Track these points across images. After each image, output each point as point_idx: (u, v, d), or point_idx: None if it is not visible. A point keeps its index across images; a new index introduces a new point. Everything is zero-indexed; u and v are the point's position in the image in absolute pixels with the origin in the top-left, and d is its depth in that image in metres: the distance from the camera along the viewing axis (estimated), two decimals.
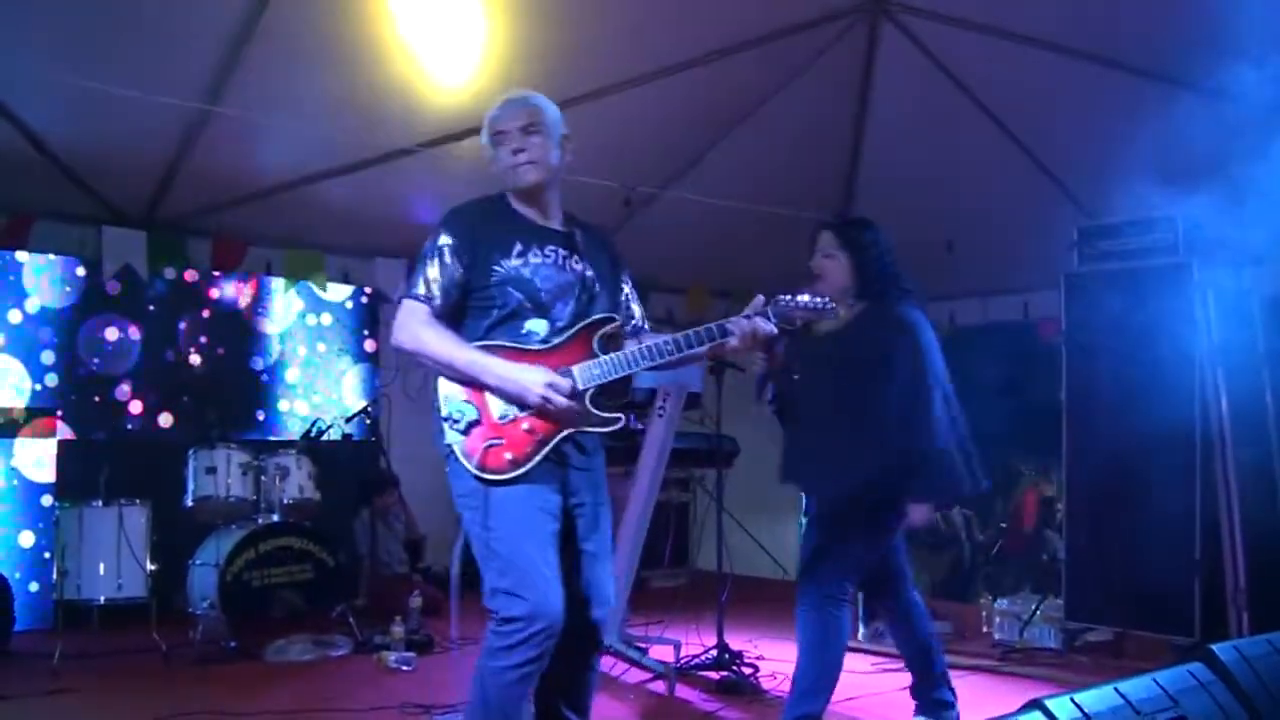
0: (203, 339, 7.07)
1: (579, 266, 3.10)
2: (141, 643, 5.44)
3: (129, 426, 6.77)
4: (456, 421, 2.90)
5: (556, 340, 2.99)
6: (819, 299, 3.08)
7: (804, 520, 4.02)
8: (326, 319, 7.60)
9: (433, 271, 2.99)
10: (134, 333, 6.82)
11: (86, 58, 5.00)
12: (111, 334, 6.74)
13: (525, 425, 2.90)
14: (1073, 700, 2.21)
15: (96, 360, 6.69)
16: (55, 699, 4.67)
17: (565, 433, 2.94)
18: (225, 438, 6.17)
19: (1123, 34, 5.48)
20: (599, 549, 3.07)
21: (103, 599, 5.59)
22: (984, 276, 7.58)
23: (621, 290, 3.26)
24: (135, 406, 6.81)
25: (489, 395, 2.92)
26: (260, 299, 7.30)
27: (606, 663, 5.23)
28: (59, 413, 6.43)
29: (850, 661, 5.48)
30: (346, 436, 7.26)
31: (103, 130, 5.57)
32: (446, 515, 7.76)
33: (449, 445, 2.93)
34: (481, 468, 2.89)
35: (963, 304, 8.24)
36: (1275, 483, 5.21)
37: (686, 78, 6.08)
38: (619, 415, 3.00)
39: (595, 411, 2.97)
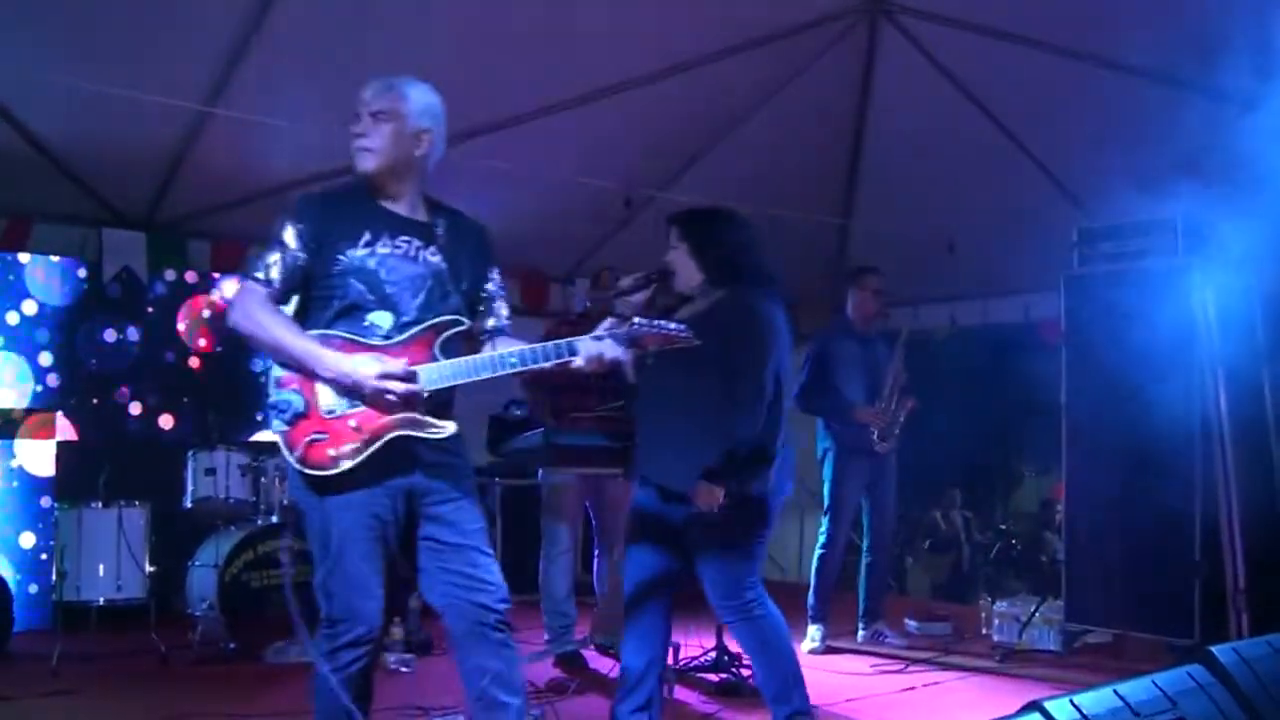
0: (201, 340, 7.07)
1: (434, 260, 2.98)
2: (141, 644, 5.44)
3: (128, 428, 6.77)
4: (283, 411, 2.80)
5: (400, 336, 2.88)
6: (677, 327, 3.01)
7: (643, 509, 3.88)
8: None
9: (275, 255, 2.87)
10: (133, 334, 6.82)
11: (87, 59, 5.00)
12: (111, 335, 6.74)
13: (352, 422, 2.80)
14: (1072, 702, 2.21)
15: (96, 361, 6.69)
16: (54, 700, 4.67)
17: (392, 435, 2.82)
18: (224, 439, 6.17)
19: (1123, 35, 5.47)
20: (464, 539, 2.96)
21: (102, 600, 5.58)
22: (984, 277, 7.57)
23: (484, 288, 3.13)
24: (135, 408, 6.81)
25: (320, 387, 2.81)
26: None
27: (606, 664, 5.24)
28: (58, 414, 6.43)
29: (850, 663, 5.52)
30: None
31: (103, 132, 5.56)
32: None
33: (274, 433, 2.85)
34: (302, 461, 2.79)
35: (963, 305, 8.24)
36: (1275, 484, 5.20)
37: (687, 78, 6.08)
38: (447, 423, 2.90)
39: (423, 416, 2.87)
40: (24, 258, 6.39)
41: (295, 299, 2.95)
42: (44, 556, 6.21)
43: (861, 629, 6.06)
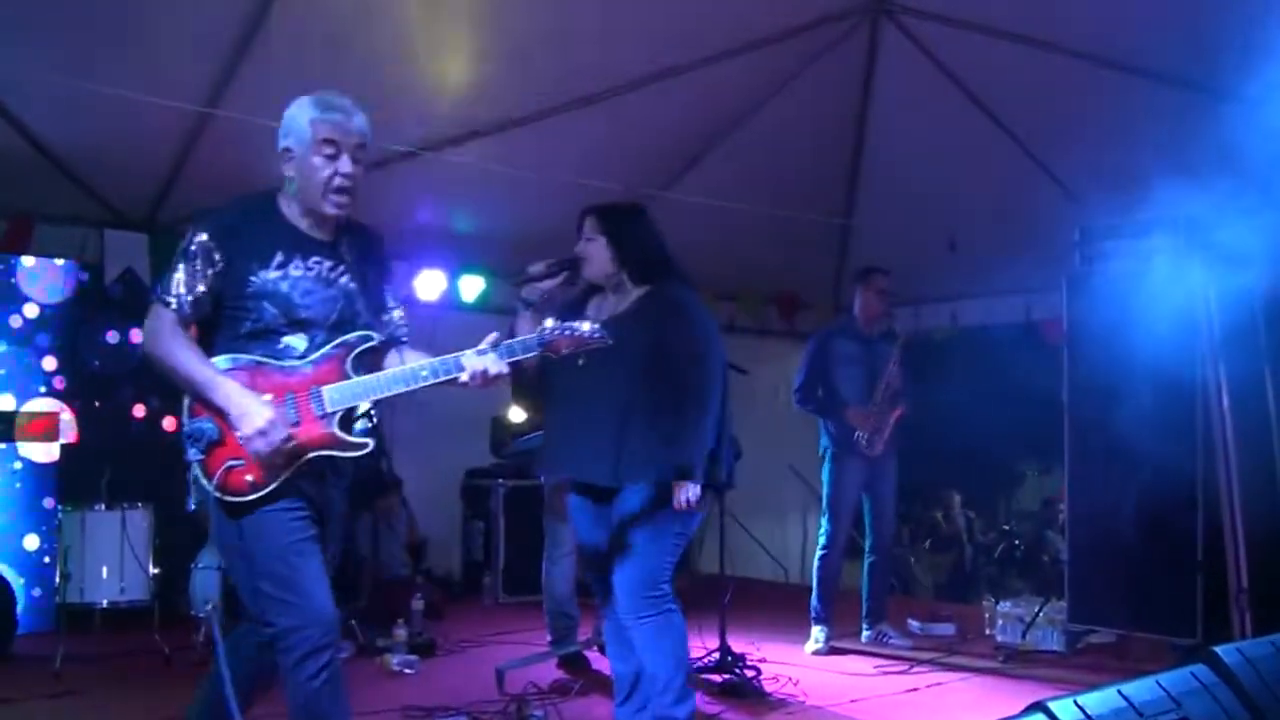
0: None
1: (344, 280, 2.97)
2: (144, 646, 5.45)
3: (132, 429, 6.77)
4: (197, 440, 2.78)
5: (313, 356, 2.89)
6: (592, 330, 3.03)
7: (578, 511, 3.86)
8: None
9: (184, 275, 2.84)
10: (136, 336, 6.82)
11: (88, 60, 5.00)
12: (113, 337, 6.74)
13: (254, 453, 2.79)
14: (1075, 702, 2.21)
15: (98, 363, 6.70)
16: (58, 702, 4.67)
17: (310, 455, 2.84)
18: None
19: (1124, 35, 5.48)
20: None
21: (105, 602, 5.58)
22: (986, 277, 7.58)
23: (386, 301, 3.14)
24: (138, 410, 6.81)
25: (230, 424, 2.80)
26: None
27: (608, 665, 5.23)
28: (61, 416, 6.43)
29: (854, 664, 5.52)
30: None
31: (105, 133, 5.57)
32: (448, 518, 7.82)
33: (190, 461, 2.81)
34: (221, 489, 2.78)
35: (965, 304, 8.25)
36: (1277, 483, 5.20)
37: (688, 79, 6.08)
38: (367, 441, 2.92)
39: (341, 434, 2.88)
40: (26, 259, 6.39)
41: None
42: (47, 559, 6.21)
43: (865, 630, 6.06)
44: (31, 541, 6.30)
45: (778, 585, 7.99)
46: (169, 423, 6.89)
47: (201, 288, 2.84)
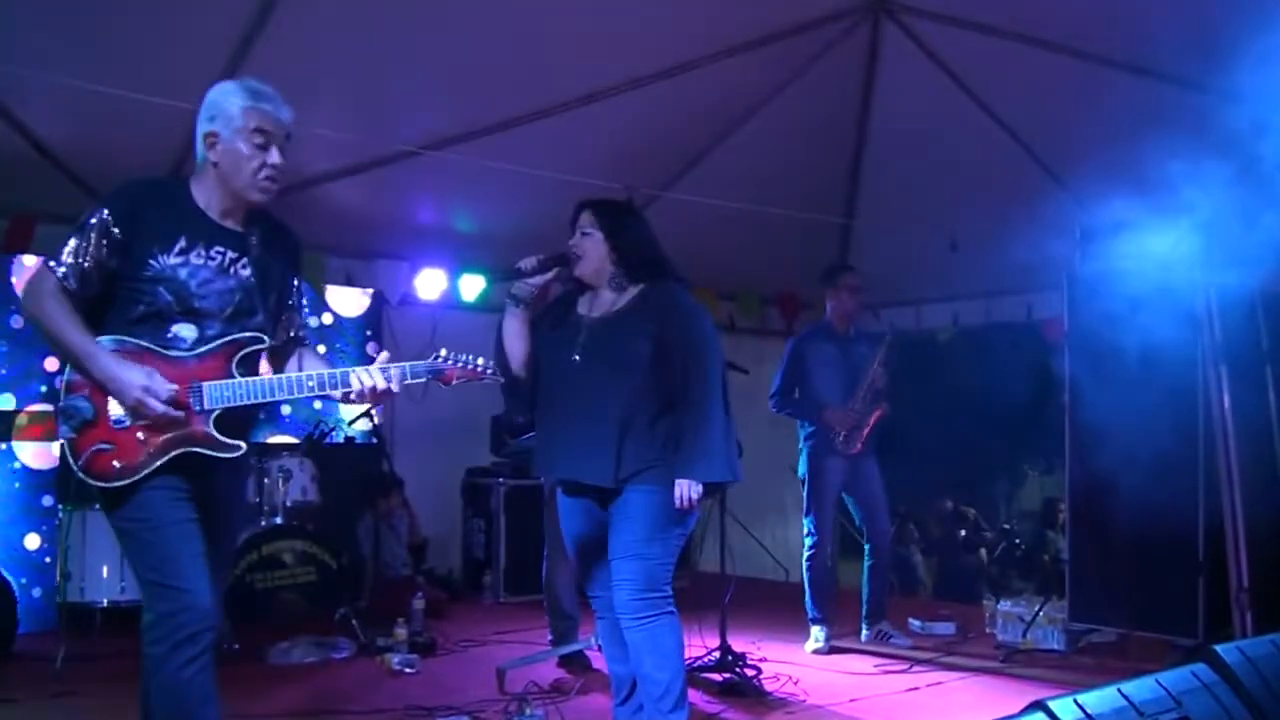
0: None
1: (245, 273, 2.92)
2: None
3: None
4: (70, 418, 2.73)
5: (201, 349, 2.84)
6: (484, 365, 3.06)
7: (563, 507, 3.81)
8: (328, 320, 7.60)
9: (80, 246, 2.77)
10: None
11: (90, 60, 5.01)
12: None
13: (140, 435, 2.76)
14: (1076, 701, 2.21)
15: None
16: (58, 702, 4.67)
17: (179, 451, 2.79)
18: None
19: (1125, 34, 5.48)
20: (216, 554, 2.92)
21: (106, 601, 5.59)
22: (987, 276, 7.58)
23: (288, 302, 3.09)
24: None
25: (112, 395, 2.76)
26: None
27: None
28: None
29: (854, 663, 5.52)
30: (349, 439, 7.27)
31: (106, 133, 5.57)
32: (449, 517, 7.81)
33: (60, 439, 2.78)
34: (87, 471, 2.74)
35: (966, 304, 8.25)
36: (1278, 483, 5.20)
37: (689, 78, 6.08)
38: (239, 443, 2.87)
39: (215, 434, 2.83)
40: (28, 259, 6.39)
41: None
42: (48, 559, 6.21)
43: (865, 629, 6.06)
44: (32, 541, 6.30)
45: (778, 584, 7.98)
46: None
47: (89, 264, 2.77)
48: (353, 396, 2.92)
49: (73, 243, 2.78)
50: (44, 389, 6.44)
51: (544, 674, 5.05)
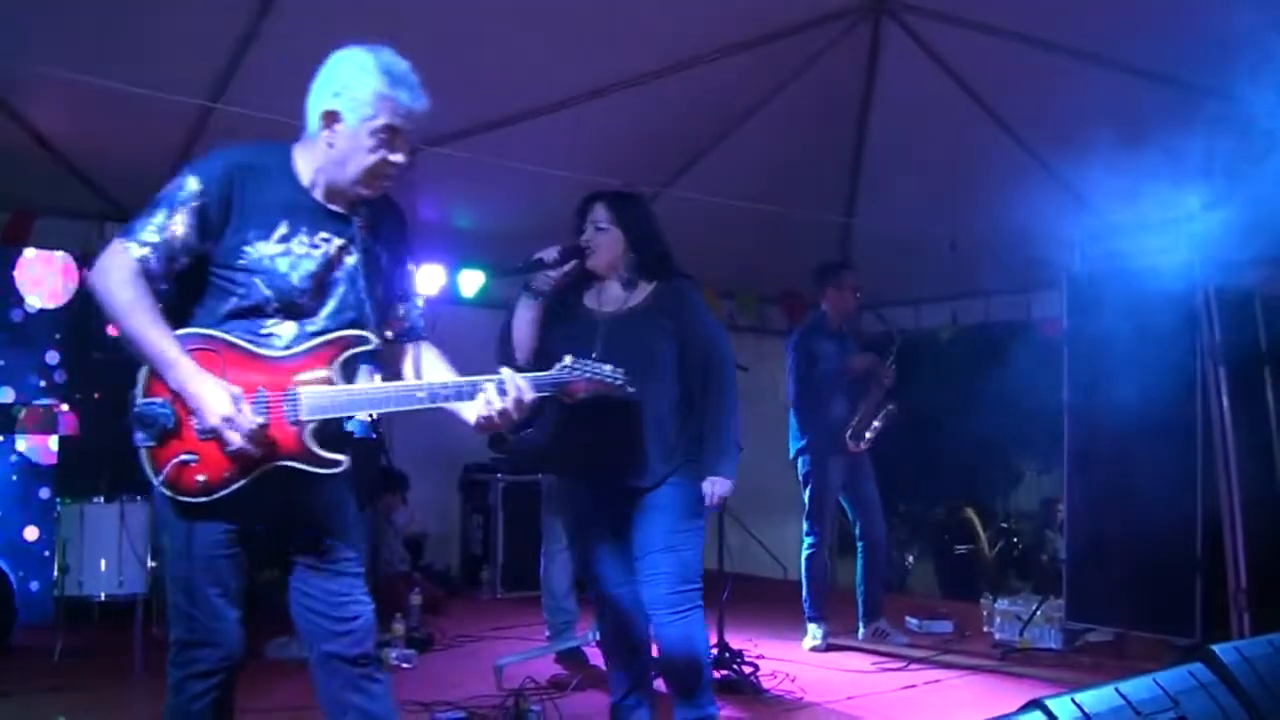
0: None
1: (350, 262, 2.55)
2: (142, 639, 5.45)
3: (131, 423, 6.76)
4: (149, 425, 2.41)
5: (299, 348, 2.49)
6: (614, 374, 2.69)
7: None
8: None
9: (161, 224, 2.42)
10: None
11: (91, 55, 5.00)
12: (114, 330, 6.72)
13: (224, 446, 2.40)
14: (1073, 700, 2.21)
15: (99, 356, 6.69)
16: (55, 695, 4.67)
17: (273, 464, 2.45)
18: None
19: (1127, 35, 5.48)
20: (335, 578, 2.63)
21: (103, 595, 5.58)
22: (986, 276, 7.58)
23: (399, 291, 2.73)
24: None
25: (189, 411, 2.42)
26: None
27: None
28: (62, 408, 6.43)
29: (852, 660, 5.52)
30: (348, 434, 7.26)
31: (107, 127, 5.57)
32: (447, 513, 7.81)
33: (137, 446, 2.46)
34: (170, 485, 2.42)
35: (965, 303, 8.25)
36: (1276, 483, 5.20)
37: (689, 76, 6.08)
38: (340, 458, 2.50)
39: (313, 447, 2.47)
40: (28, 252, 6.39)
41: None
42: (46, 552, 6.21)
43: (862, 627, 6.06)
44: (30, 533, 6.30)
45: (775, 582, 7.97)
46: None
47: (177, 244, 2.43)
48: (472, 414, 2.54)
49: (158, 217, 2.43)
50: (43, 383, 6.45)
51: (541, 669, 5.05)
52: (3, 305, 6.35)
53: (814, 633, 5.85)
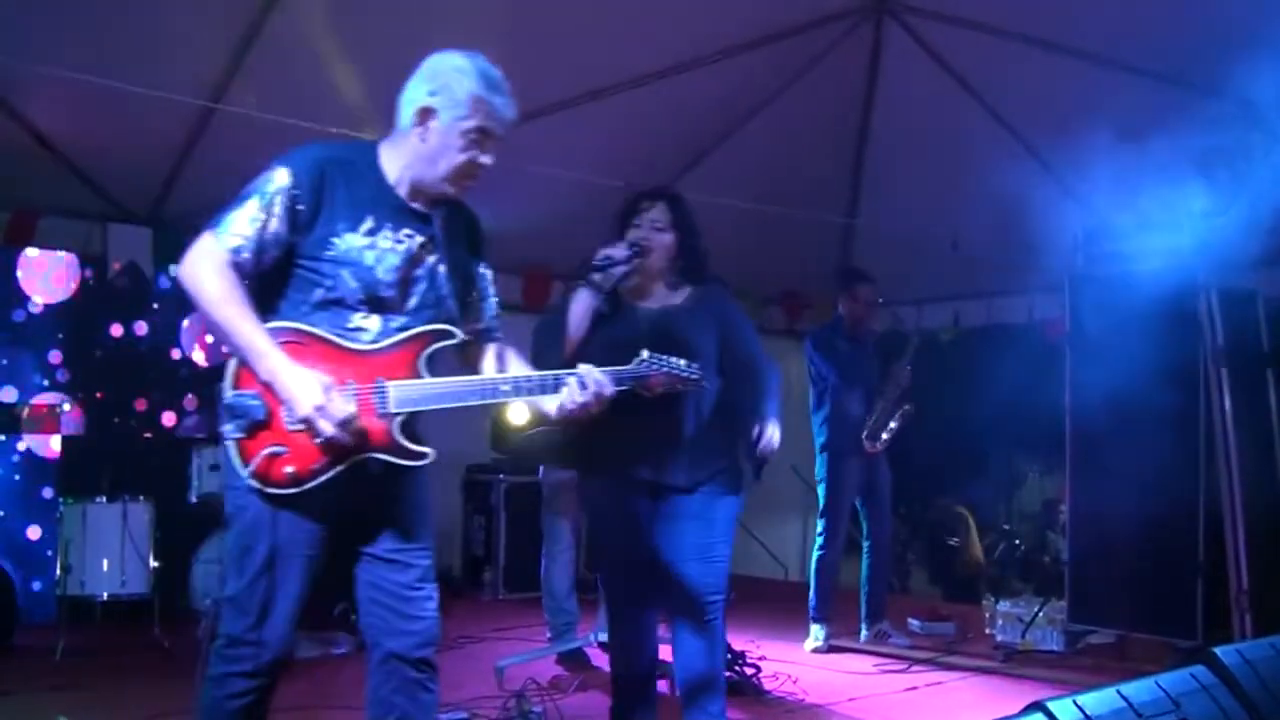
0: (210, 336, 7.08)
1: (431, 259, 2.60)
2: (144, 639, 5.46)
3: (134, 423, 6.78)
4: (239, 416, 2.42)
5: (385, 344, 2.52)
6: (689, 368, 2.79)
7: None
8: None
9: (253, 216, 2.43)
10: (140, 329, 6.83)
11: (92, 54, 5.01)
12: (117, 330, 6.75)
13: (316, 436, 2.42)
14: (1075, 702, 2.21)
15: (101, 356, 6.70)
16: (58, 694, 4.66)
17: (362, 456, 2.48)
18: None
19: (1128, 35, 5.48)
20: (406, 581, 2.63)
21: (106, 595, 5.59)
22: (988, 277, 7.58)
23: (475, 286, 2.77)
24: (140, 403, 6.82)
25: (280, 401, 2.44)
26: None
27: (607, 661, 5.23)
28: (64, 408, 6.44)
29: (853, 662, 5.52)
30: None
31: (109, 127, 5.57)
32: (449, 513, 7.81)
33: (226, 438, 2.47)
34: (258, 477, 2.43)
35: (967, 304, 8.25)
36: (1278, 484, 5.20)
37: (690, 77, 6.08)
38: (427, 450, 2.53)
39: (401, 439, 2.50)
40: (30, 252, 6.40)
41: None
42: (49, 551, 6.22)
43: (864, 628, 6.06)
44: (33, 533, 6.31)
45: (777, 583, 7.99)
46: (170, 416, 6.90)
47: (269, 236, 2.45)
48: (557, 409, 2.60)
49: (249, 209, 2.45)
50: (46, 382, 6.45)
51: (542, 671, 5.05)
52: (5, 305, 6.36)
53: (816, 634, 5.85)
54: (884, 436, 5.86)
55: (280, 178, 2.47)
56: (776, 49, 6.07)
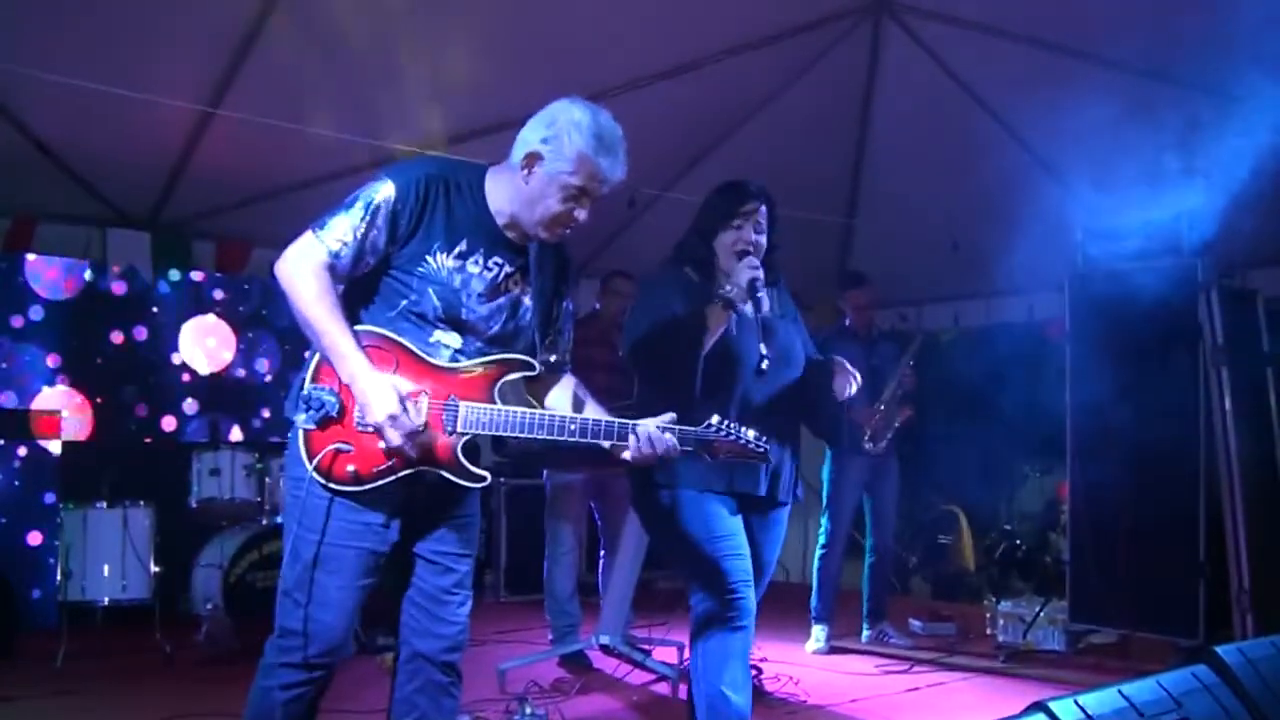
0: (209, 340, 7.08)
1: (516, 290, 2.67)
2: (145, 644, 5.46)
3: (134, 428, 6.78)
4: (315, 409, 2.48)
5: (464, 363, 2.58)
6: (756, 440, 2.69)
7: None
8: None
9: (355, 224, 2.50)
10: (140, 334, 6.83)
11: (91, 60, 5.00)
12: (116, 336, 6.75)
13: (383, 442, 2.48)
14: (1076, 702, 2.21)
15: (101, 362, 6.70)
16: (59, 700, 4.68)
17: (425, 469, 2.54)
18: (229, 439, 6.17)
19: (1128, 35, 5.47)
20: (446, 588, 2.69)
21: (107, 600, 5.59)
22: (988, 277, 7.56)
23: (555, 325, 2.82)
24: (140, 408, 6.82)
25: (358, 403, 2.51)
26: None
27: (610, 664, 5.24)
28: (64, 414, 6.44)
29: (855, 663, 5.52)
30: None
31: (107, 132, 5.57)
32: None
33: (296, 428, 2.53)
34: (321, 471, 2.50)
35: (967, 304, 8.24)
36: (1279, 484, 5.20)
37: (691, 78, 6.08)
38: (485, 474, 2.59)
39: (462, 459, 2.56)
40: (30, 258, 6.40)
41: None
42: (51, 558, 6.21)
43: (866, 629, 6.06)
44: (34, 538, 6.30)
45: (777, 584, 7.96)
46: (170, 421, 6.90)
47: (367, 245, 2.52)
48: (622, 454, 2.63)
49: (352, 216, 2.51)
50: (47, 388, 6.45)
51: (544, 673, 5.05)
52: (6, 309, 6.36)
53: (817, 635, 5.85)
54: (888, 437, 5.86)
55: (386, 190, 2.53)
56: (776, 49, 6.07)
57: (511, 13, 5.40)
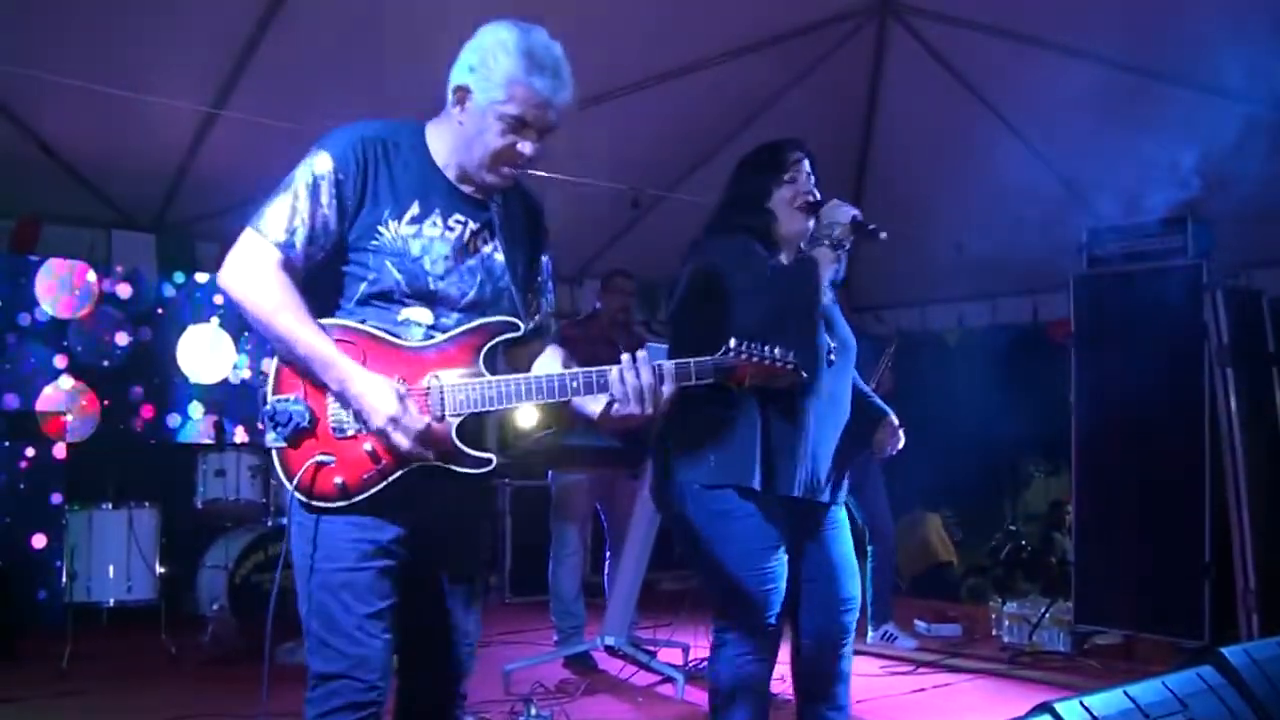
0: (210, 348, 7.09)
1: (487, 249, 2.35)
2: (151, 645, 5.46)
3: (138, 429, 6.79)
4: (282, 424, 2.18)
5: (440, 338, 2.27)
6: (783, 355, 2.39)
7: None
8: None
9: (300, 207, 2.20)
10: (144, 335, 6.84)
11: (95, 62, 5.02)
12: (122, 337, 6.76)
13: (367, 446, 2.20)
14: (1082, 704, 2.20)
15: (107, 363, 6.71)
16: (64, 701, 4.68)
17: (415, 466, 2.23)
18: (234, 441, 6.18)
19: (1131, 35, 5.47)
20: (449, 618, 2.40)
21: (112, 601, 5.61)
22: (993, 278, 7.57)
23: (534, 282, 2.50)
24: (145, 409, 6.83)
25: (329, 398, 2.20)
26: None
27: (615, 666, 5.24)
28: (69, 415, 6.45)
29: (860, 664, 5.49)
30: None
31: (112, 134, 5.59)
32: None
33: (268, 447, 2.24)
34: (304, 490, 2.20)
35: (972, 305, 8.23)
36: None
37: (695, 79, 6.08)
38: (487, 455, 2.28)
39: (459, 444, 2.25)
40: (35, 259, 6.41)
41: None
42: (56, 560, 6.22)
43: (871, 630, 6.05)
44: (39, 540, 6.31)
45: None
46: (175, 421, 6.91)
47: (317, 228, 2.21)
48: (616, 407, 2.28)
49: (288, 204, 2.21)
50: (49, 389, 6.46)
51: (549, 674, 5.05)
52: (13, 311, 6.37)
53: None
54: None
55: (322, 163, 2.24)
56: (780, 50, 6.07)
57: (513, 16, 5.40)
